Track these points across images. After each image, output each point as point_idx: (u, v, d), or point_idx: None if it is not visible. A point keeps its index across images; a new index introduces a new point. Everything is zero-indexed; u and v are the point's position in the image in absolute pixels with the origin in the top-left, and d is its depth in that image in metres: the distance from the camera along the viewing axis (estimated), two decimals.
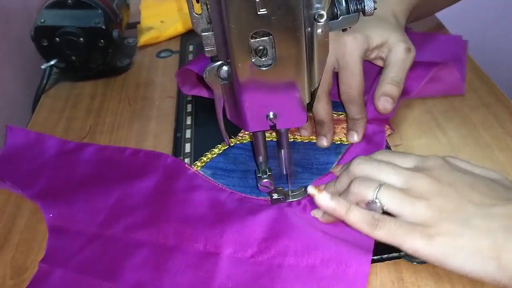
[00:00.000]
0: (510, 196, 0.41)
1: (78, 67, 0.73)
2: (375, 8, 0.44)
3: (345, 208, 0.43)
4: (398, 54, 0.57)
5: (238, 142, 0.60)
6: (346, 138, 0.58)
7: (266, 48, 0.41)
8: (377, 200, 0.43)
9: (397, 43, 0.57)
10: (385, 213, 0.43)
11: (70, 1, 0.70)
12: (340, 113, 0.61)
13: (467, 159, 0.54)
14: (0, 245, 0.51)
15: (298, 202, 0.51)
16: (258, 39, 0.40)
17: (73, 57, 0.71)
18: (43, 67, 0.72)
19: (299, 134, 0.59)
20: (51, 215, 0.53)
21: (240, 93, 0.43)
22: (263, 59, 0.41)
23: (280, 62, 0.41)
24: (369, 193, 0.43)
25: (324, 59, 0.43)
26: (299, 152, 0.58)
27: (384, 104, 0.56)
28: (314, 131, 0.59)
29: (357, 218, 0.43)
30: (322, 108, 0.56)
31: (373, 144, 0.57)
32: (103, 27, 0.70)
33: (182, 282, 0.45)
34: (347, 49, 0.56)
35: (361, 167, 0.46)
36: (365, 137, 0.58)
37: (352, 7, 0.44)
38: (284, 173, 0.52)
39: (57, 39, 0.69)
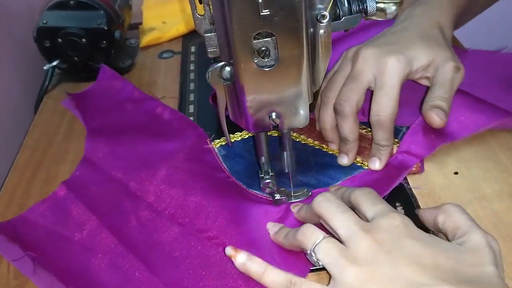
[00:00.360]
0: (449, 276, 0.37)
1: (80, 68, 0.73)
2: (377, 9, 0.44)
3: (260, 271, 0.43)
4: (446, 73, 0.53)
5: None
6: (367, 163, 0.55)
7: (269, 49, 0.41)
8: (313, 253, 0.41)
9: (444, 62, 0.54)
10: None
11: (72, 2, 0.70)
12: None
13: (469, 160, 0.54)
14: None
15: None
16: (261, 39, 0.40)
17: (75, 58, 0.72)
18: (45, 68, 0.72)
19: (327, 145, 0.58)
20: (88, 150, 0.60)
21: (243, 94, 0.43)
22: (266, 59, 0.42)
23: (282, 63, 0.42)
24: (308, 245, 0.42)
25: (326, 60, 0.43)
26: (316, 160, 0.57)
27: (438, 113, 0.52)
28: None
29: (272, 281, 0.42)
30: (347, 127, 0.53)
31: (386, 177, 0.53)
32: (105, 28, 0.70)
33: (140, 236, 0.49)
34: (387, 70, 0.52)
35: (320, 205, 0.44)
36: (386, 166, 0.54)
37: (354, 8, 0.44)
38: (286, 171, 0.52)
39: (59, 40, 0.70)
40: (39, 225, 0.51)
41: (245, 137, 0.60)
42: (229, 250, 0.45)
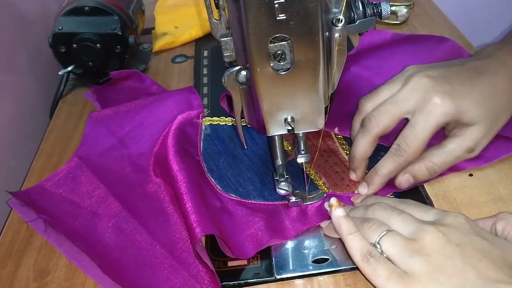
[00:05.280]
0: None
1: (95, 73, 0.74)
2: (391, 12, 0.44)
3: (349, 231, 0.44)
4: (460, 149, 0.50)
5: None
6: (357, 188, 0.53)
7: (285, 53, 0.41)
8: (378, 245, 0.42)
9: (470, 137, 0.50)
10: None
11: (87, 8, 0.71)
12: None
13: None
14: (23, 248, 0.52)
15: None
16: (277, 43, 0.41)
17: (90, 63, 0.72)
18: (60, 73, 0.73)
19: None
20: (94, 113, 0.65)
21: (259, 98, 0.44)
22: (282, 63, 0.42)
23: (298, 67, 0.42)
24: (373, 236, 0.43)
25: (341, 63, 0.43)
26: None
27: (403, 183, 0.51)
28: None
29: (355, 245, 0.43)
30: (362, 145, 0.51)
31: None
32: (120, 33, 0.71)
33: (143, 205, 0.53)
34: (427, 109, 0.48)
35: (376, 213, 0.45)
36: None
37: (369, 11, 0.44)
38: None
39: (74, 45, 0.70)
40: (54, 192, 0.56)
41: (235, 125, 0.61)
42: (332, 200, 0.47)
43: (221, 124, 0.62)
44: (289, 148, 0.58)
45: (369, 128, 0.50)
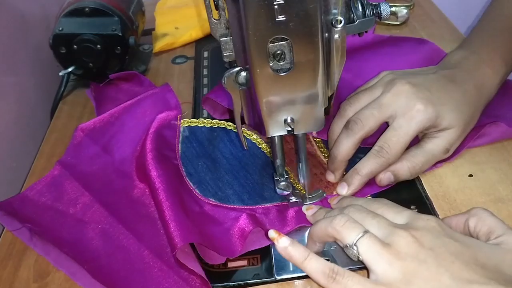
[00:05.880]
0: (496, 276, 0.38)
1: (95, 74, 0.74)
2: (391, 13, 0.45)
3: (302, 257, 0.43)
4: (438, 149, 0.52)
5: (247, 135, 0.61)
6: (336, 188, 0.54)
7: (284, 52, 0.41)
8: (355, 247, 0.41)
9: (447, 138, 0.52)
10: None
11: (87, 9, 0.71)
12: None
13: (483, 162, 0.55)
14: (24, 249, 0.52)
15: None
16: (276, 43, 0.41)
17: (91, 64, 0.72)
18: (61, 74, 0.73)
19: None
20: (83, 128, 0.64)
21: (258, 99, 0.44)
22: (281, 63, 0.42)
23: (298, 68, 0.42)
24: (350, 237, 0.42)
25: (341, 64, 0.43)
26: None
27: (384, 180, 0.52)
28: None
29: (314, 268, 0.42)
30: (345, 146, 0.52)
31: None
32: (120, 34, 0.71)
33: (130, 210, 0.54)
34: (410, 114, 0.50)
35: (350, 215, 0.44)
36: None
37: (368, 12, 0.44)
38: (300, 174, 0.52)
39: (74, 46, 0.70)
40: (37, 201, 0.55)
41: (214, 126, 0.61)
42: (272, 233, 0.45)
43: (200, 125, 0.61)
44: (290, 174, 0.57)
45: (355, 130, 0.51)
